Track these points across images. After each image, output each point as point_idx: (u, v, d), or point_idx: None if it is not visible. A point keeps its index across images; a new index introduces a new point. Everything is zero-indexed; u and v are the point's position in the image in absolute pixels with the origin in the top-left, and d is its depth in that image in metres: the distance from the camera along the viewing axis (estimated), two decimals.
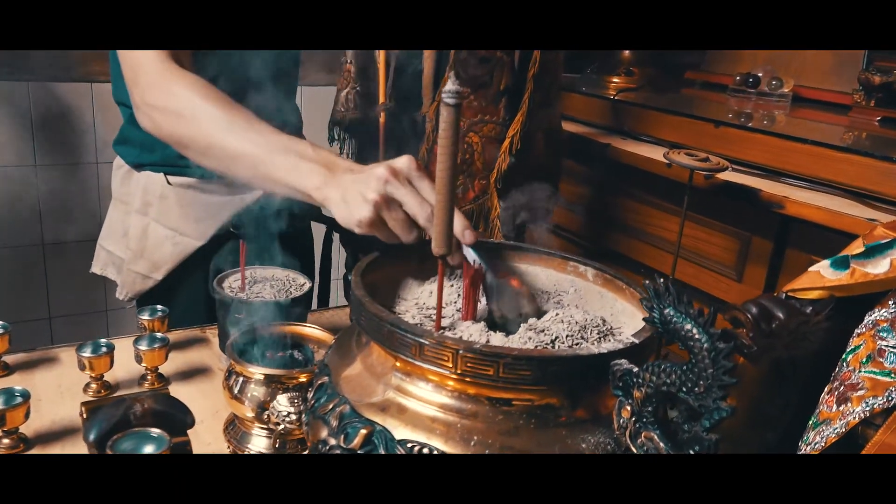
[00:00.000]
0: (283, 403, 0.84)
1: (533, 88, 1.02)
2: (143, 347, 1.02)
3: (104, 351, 1.00)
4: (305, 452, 0.84)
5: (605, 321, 0.74)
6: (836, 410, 0.54)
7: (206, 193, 1.27)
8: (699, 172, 0.97)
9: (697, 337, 0.54)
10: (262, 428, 0.89)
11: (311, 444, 0.68)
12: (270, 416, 0.84)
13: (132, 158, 1.28)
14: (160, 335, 1.05)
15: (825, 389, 0.57)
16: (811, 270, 0.59)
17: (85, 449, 0.87)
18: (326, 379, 0.70)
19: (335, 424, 0.65)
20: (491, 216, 1.08)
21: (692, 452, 0.56)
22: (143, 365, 1.03)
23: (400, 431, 0.62)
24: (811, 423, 0.57)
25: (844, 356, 0.57)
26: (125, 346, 1.06)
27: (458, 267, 0.78)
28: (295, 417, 0.83)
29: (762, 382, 0.60)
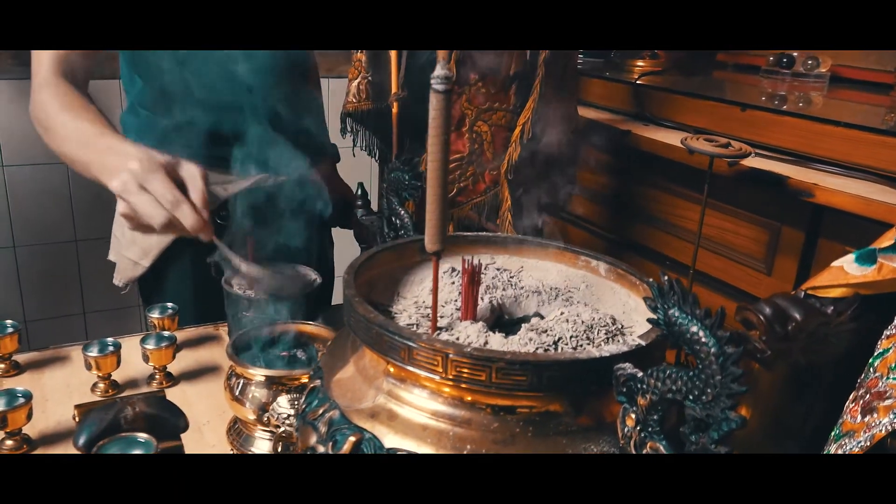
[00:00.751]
0: (283, 405, 0.81)
1: (544, 73, 0.97)
2: (149, 346, 1.00)
3: (110, 350, 0.99)
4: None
5: (615, 320, 0.69)
6: (860, 421, 0.49)
7: None
8: (722, 159, 0.91)
9: (704, 340, 0.50)
10: (264, 430, 0.87)
11: (300, 450, 0.65)
12: (270, 418, 0.82)
13: None
14: (167, 334, 1.03)
15: (850, 398, 0.52)
16: (834, 266, 0.54)
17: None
18: (319, 382, 0.67)
19: (324, 431, 0.62)
20: (501, 209, 1.03)
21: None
22: (150, 364, 1.02)
23: (389, 439, 0.59)
24: (833, 434, 0.51)
25: (871, 361, 0.52)
26: (134, 344, 1.05)
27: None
28: (295, 420, 0.81)
29: (780, 389, 0.55)
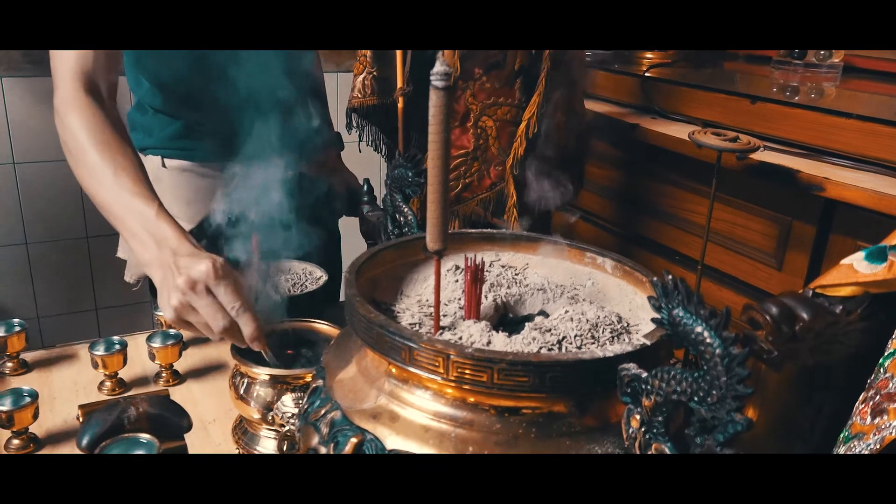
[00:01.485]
0: (287, 404, 0.81)
1: (550, 67, 0.96)
2: (155, 344, 1.01)
3: (117, 349, 0.99)
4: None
5: (620, 318, 0.68)
6: (870, 423, 0.48)
7: (199, 177, 1.29)
8: (731, 153, 0.90)
9: (709, 341, 0.49)
10: (269, 429, 0.86)
11: (302, 451, 0.64)
12: (275, 416, 0.81)
13: (137, 143, 1.29)
14: (174, 332, 1.03)
15: (859, 399, 0.51)
16: (843, 264, 0.52)
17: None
18: (321, 382, 0.67)
19: (326, 432, 0.62)
20: (507, 205, 1.02)
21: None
22: (156, 362, 1.02)
23: (391, 441, 0.58)
24: (842, 436, 0.50)
25: (881, 361, 0.50)
26: (141, 342, 1.05)
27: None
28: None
29: (788, 391, 0.54)
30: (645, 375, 0.54)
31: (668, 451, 0.53)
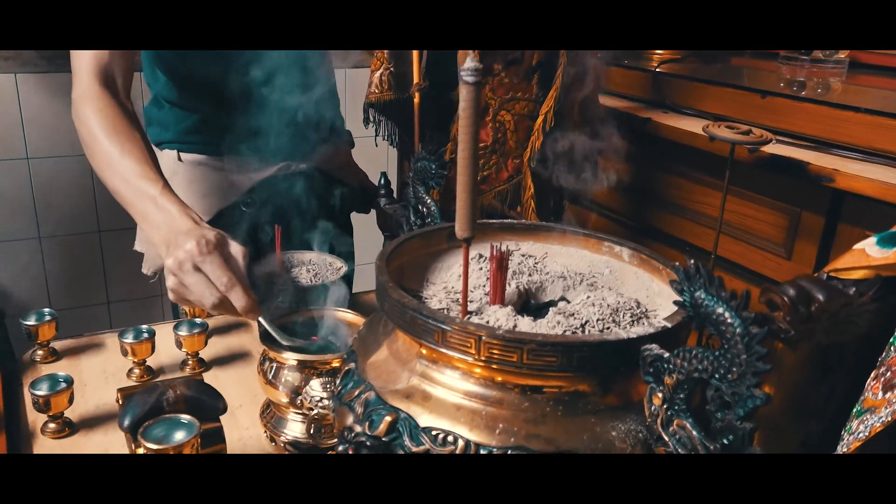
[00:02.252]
0: (316, 388, 0.84)
1: (566, 63, 0.99)
2: (182, 333, 1.03)
3: (145, 337, 1.02)
4: (334, 440, 0.84)
5: (639, 304, 0.71)
6: (882, 398, 0.51)
7: (215, 171, 1.31)
8: (743, 146, 0.92)
9: (730, 321, 0.51)
10: (297, 413, 0.89)
11: (337, 430, 0.67)
12: (304, 401, 0.84)
13: (154, 137, 1.33)
14: (199, 320, 1.06)
15: (871, 375, 0.54)
16: (855, 248, 0.55)
17: (122, 434, 0.90)
18: (353, 365, 0.70)
19: (360, 411, 0.65)
20: (525, 196, 1.05)
21: (726, 442, 0.53)
22: (183, 350, 1.05)
23: (424, 419, 0.61)
24: (855, 410, 0.53)
25: (892, 340, 0.53)
26: (168, 331, 1.08)
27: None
28: (328, 402, 0.83)
29: (804, 369, 0.57)
30: (667, 355, 0.56)
31: (689, 426, 0.56)
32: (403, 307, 0.62)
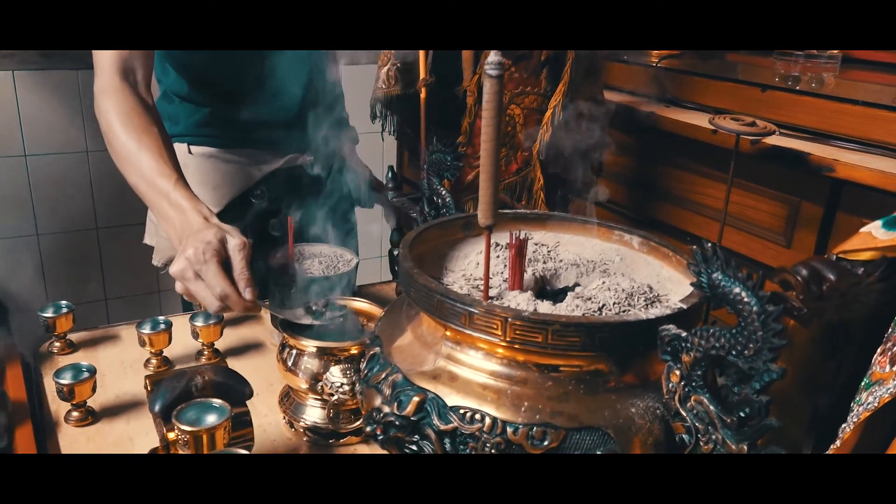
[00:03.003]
0: (336, 375, 0.86)
1: (574, 58, 1.01)
2: (199, 323, 1.05)
3: (162, 328, 1.04)
4: (360, 422, 0.86)
5: (651, 288, 0.74)
6: (889, 371, 0.54)
7: (225, 163, 1.33)
8: (745, 138, 0.96)
9: (747, 300, 0.54)
10: (315, 399, 0.92)
11: (365, 412, 0.70)
12: (324, 387, 0.87)
13: None
14: None
15: (878, 351, 0.57)
16: (862, 231, 0.58)
17: (148, 420, 0.92)
18: (378, 349, 0.72)
19: (388, 393, 0.67)
20: (534, 188, 1.08)
21: (743, 415, 0.56)
22: (199, 340, 1.07)
23: (452, 399, 0.64)
24: (863, 384, 0.56)
25: None
26: (181, 323, 1.10)
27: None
28: (348, 388, 0.86)
29: (814, 346, 0.60)
30: (685, 334, 0.59)
31: (706, 401, 0.59)
32: (431, 292, 0.65)
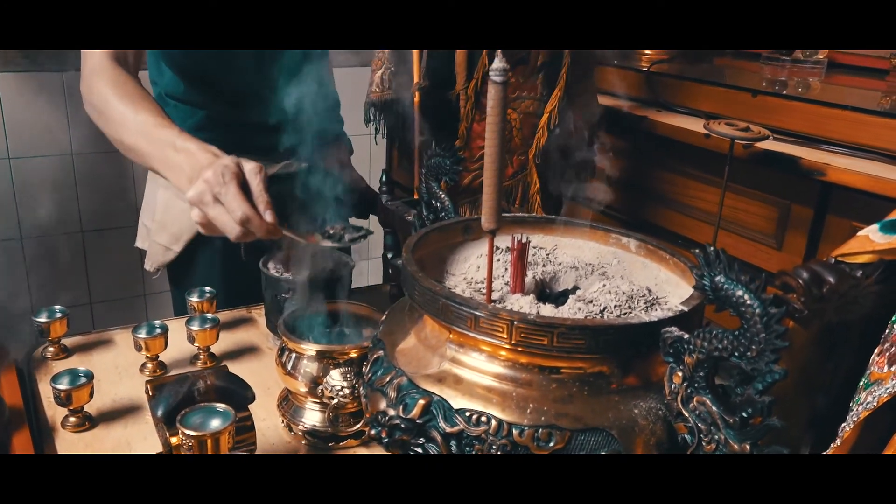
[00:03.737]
0: (335, 378, 0.87)
1: (570, 63, 1.03)
2: (195, 328, 1.05)
3: (158, 332, 1.03)
4: (360, 425, 0.87)
5: (650, 291, 0.75)
6: (887, 371, 0.56)
7: None
8: (738, 142, 0.97)
9: (749, 303, 0.56)
10: (315, 402, 0.92)
11: (369, 415, 0.70)
12: (324, 390, 0.87)
13: None
14: (210, 315, 1.08)
15: (875, 351, 0.58)
16: (860, 235, 0.60)
17: (147, 425, 0.91)
18: (381, 353, 0.73)
19: (393, 396, 0.68)
20: (530, 192, 1.09)
21: (745, 415, 0.57)
22: (195, 345, 1.06)
23: (457, 401, 0.64)
24: (862, 383, 0.58)
25: (894, 318, 0.58)
26: (177, 326, 1.09)
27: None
28: (348, 391, 0.86)
29: (813, 347, 0.61)
30: (687, 336, 0.61)
31: (709, 401, 0.60)
32: (436, 295, 0.65)
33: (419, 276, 0.68)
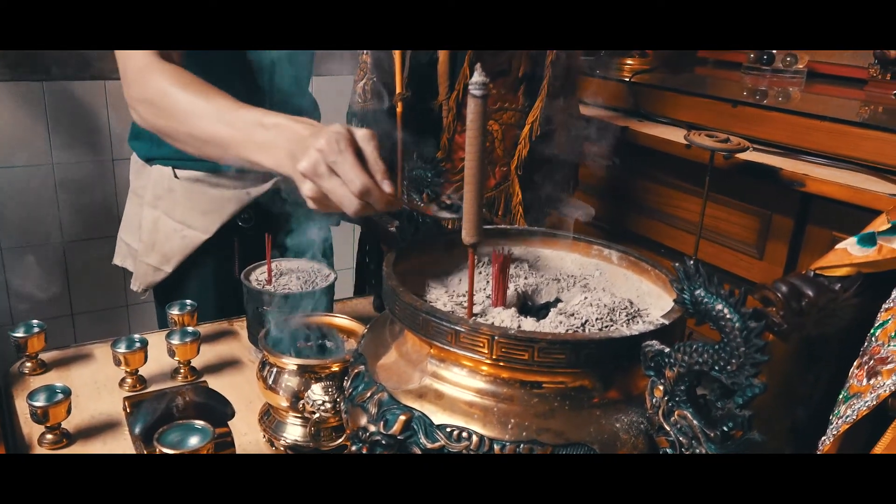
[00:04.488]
0: (317, 392, 0.86)
1: (551, 75, 1.03)
2: (175, 341, 1.04)
3: (138, 346, 1.02)
4: (342, 440, 0.86)
5: (632, 303, 0.75)
6: (866, 384, 0.56)
7: (212, 187, 1.29)
8: (718, 153, 0.98)
9: (729, 317, 0.55)
10: (296, 417, 0.91)
11: (350, 431, 0.70)
12: (305, 405, 0.86)
13: (143, 152, 1.31)
14: (191, 329, 1.07)
15: (854, 364, 0.58)
16: (838, 248, 0.60)
17: (126, 442, 0.90)
18: (362, 368, 0.72)
19: (374, 412, 0.67)
20: (513, 202, 1.09)
21: (726, 429, 0.57)
22: (175, 359, 1.05)
23: (438, 417, 0.64)
24: (841, 396, 0.58)
25: (873, 331, 0.58)
26: (157, 340, 1.08)
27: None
28: (329, 406, 0.85)
29: (793, 360, 0.61)
30: (668, 350, 0.60)
31: (689, 415, 0.60)
32: (416, 310, 0.65)
33: (399, 290, 0.68)
